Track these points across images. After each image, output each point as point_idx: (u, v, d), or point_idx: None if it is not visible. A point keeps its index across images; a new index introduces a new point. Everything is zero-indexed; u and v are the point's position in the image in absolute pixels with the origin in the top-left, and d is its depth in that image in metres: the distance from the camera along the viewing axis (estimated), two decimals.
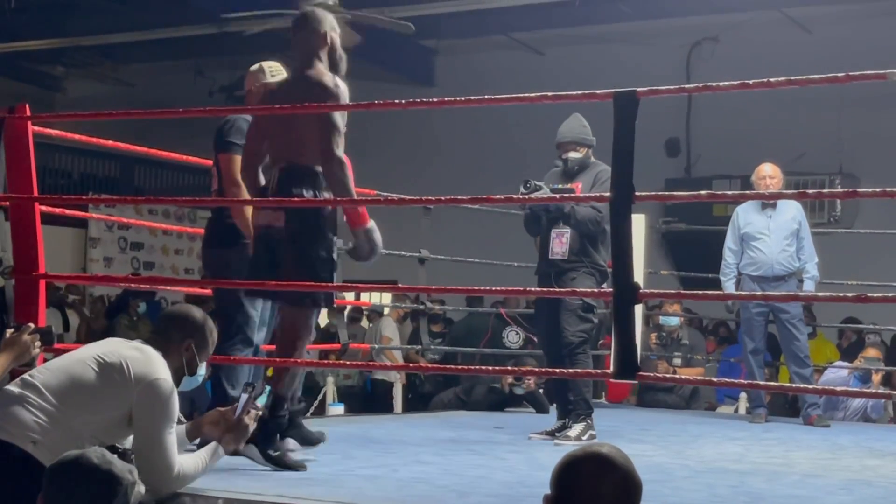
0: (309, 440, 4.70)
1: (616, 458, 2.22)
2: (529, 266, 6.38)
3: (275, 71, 5.03)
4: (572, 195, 5.93)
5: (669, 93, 4.10)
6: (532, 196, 5.67)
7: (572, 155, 6.00)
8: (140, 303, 11.91)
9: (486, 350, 8.93)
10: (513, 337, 8.81)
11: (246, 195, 4.63)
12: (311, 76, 4.43)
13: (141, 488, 2.71)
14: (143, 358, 3.57)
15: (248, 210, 4.62)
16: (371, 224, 4.46)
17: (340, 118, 4.40)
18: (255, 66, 5.10)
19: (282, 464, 4.29)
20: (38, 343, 3.78)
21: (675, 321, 8.65)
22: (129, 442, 3.58)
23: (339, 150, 4.36)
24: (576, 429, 5.80)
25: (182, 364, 3.70)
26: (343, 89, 4.44)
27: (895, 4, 11.93)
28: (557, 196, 5.88)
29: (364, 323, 12.20)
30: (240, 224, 4.68)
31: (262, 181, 4.47)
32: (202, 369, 3.84)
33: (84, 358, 3.58)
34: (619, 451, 2.24)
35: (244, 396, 3.83)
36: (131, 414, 3.52)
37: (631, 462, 2.23)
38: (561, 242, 5.94)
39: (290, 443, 4.49)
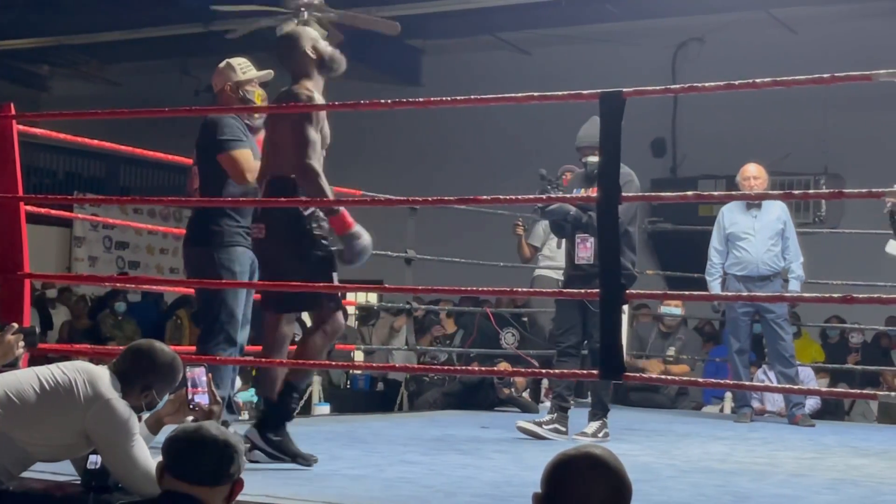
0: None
1: (608, 459, 2.21)
2: (515, 266, 6.40)
3: (244, 67, 4.95)
4: (562, 196, 6.00)
5: (655, 93, 4.10)
6: (524, 197, 5.67)
7: (591, 159, 5.99)
8: (118, 302, 11.84)
9: (482, 350, 8.91)
10: (509, 339, 8.78)
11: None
12: (291, 91, 4.46)
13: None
14: (90, 379, 3.49)
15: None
16: (356, 228, 4.35)
17: (313, 129, 4.36)
18: (222, 64, 5.00)
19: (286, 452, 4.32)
20: (21, 343, 3.76)
21: (676, 311, 8.72)
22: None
23: (313, 161, 4.32)
24: (592, 426, 5.94)
25: (141, 405, 3.61)
26: (316, 98, 4.44)
27: (881, 5, 11.98)
28: (544, 196, 5.89)
29: (351, 322, 12.18)
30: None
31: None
32: (164, 399, 3.76)
33: (35, 375, 3.51)
34: (611, 453, 2.24)
35: (204, 374, 3.65)
36: (87, 435, 3.46)
37: (622, 465, 2.23)
38: (585, 248, 6.00)
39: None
